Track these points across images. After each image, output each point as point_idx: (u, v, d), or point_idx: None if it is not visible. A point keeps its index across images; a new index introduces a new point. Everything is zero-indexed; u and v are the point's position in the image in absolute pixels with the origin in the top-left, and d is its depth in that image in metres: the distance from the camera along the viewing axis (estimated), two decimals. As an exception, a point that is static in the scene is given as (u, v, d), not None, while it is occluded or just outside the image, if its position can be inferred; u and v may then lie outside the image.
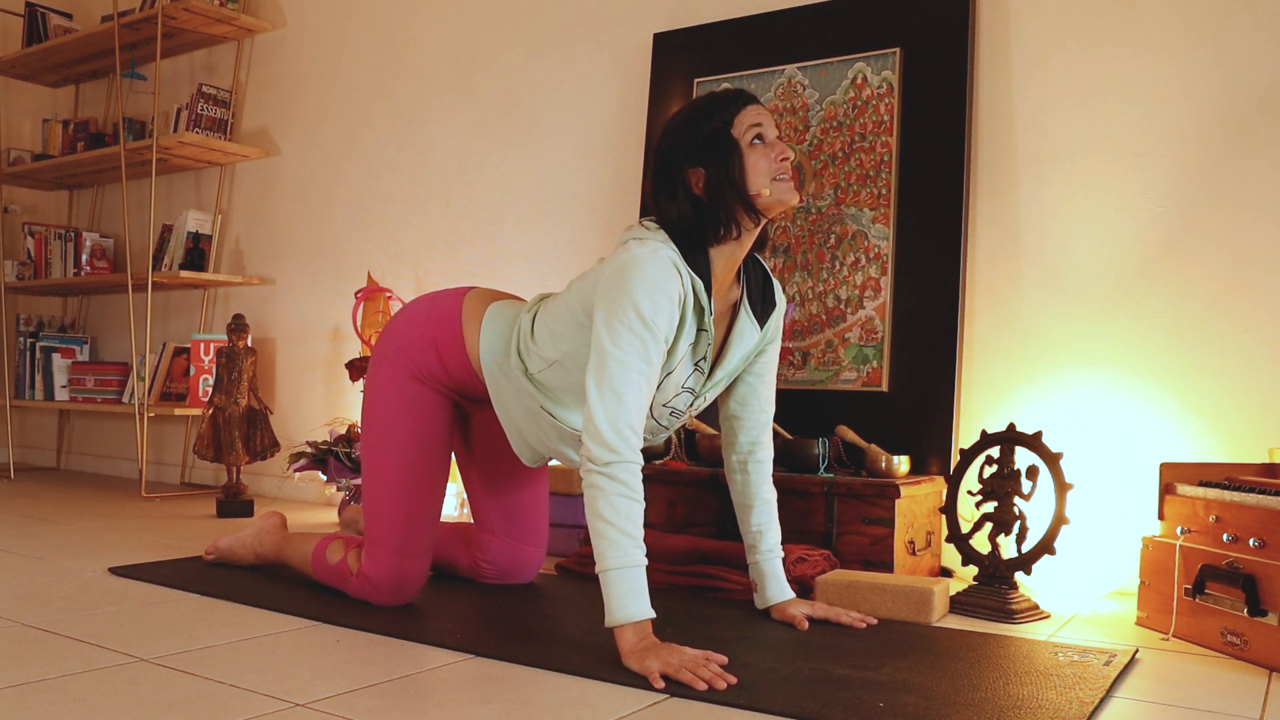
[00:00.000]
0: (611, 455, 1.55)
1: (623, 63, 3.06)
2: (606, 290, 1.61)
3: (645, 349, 1.58)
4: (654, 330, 1.58)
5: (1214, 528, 1.79)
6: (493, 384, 1.87)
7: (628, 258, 1.61)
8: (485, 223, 3.33)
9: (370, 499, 1.92)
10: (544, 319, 1.79)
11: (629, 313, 1.57)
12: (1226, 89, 2.22)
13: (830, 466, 2.37)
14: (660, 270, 1.60)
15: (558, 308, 1.77)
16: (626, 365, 1.57)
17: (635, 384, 1.57)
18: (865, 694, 1.42)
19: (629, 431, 1.56)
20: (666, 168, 1.72)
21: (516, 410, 1.86)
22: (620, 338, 1.57)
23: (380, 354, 1.95)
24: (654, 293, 1.58)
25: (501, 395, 1.87)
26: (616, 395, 1.56)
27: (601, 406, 1.56)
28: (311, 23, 3.85)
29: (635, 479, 1.56)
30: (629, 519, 1.54)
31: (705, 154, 1.69)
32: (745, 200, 1.68)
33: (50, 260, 4.33)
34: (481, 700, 1.38)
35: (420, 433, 1.91)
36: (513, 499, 2.11)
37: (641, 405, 1.58)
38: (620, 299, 1.58)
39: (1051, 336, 2.38)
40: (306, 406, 3.73)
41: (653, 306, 1.58)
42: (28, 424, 4.81)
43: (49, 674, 1.46)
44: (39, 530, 2.79)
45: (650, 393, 1.61)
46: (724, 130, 1.69)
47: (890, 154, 2.54)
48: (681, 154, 1.70)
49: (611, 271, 1.62)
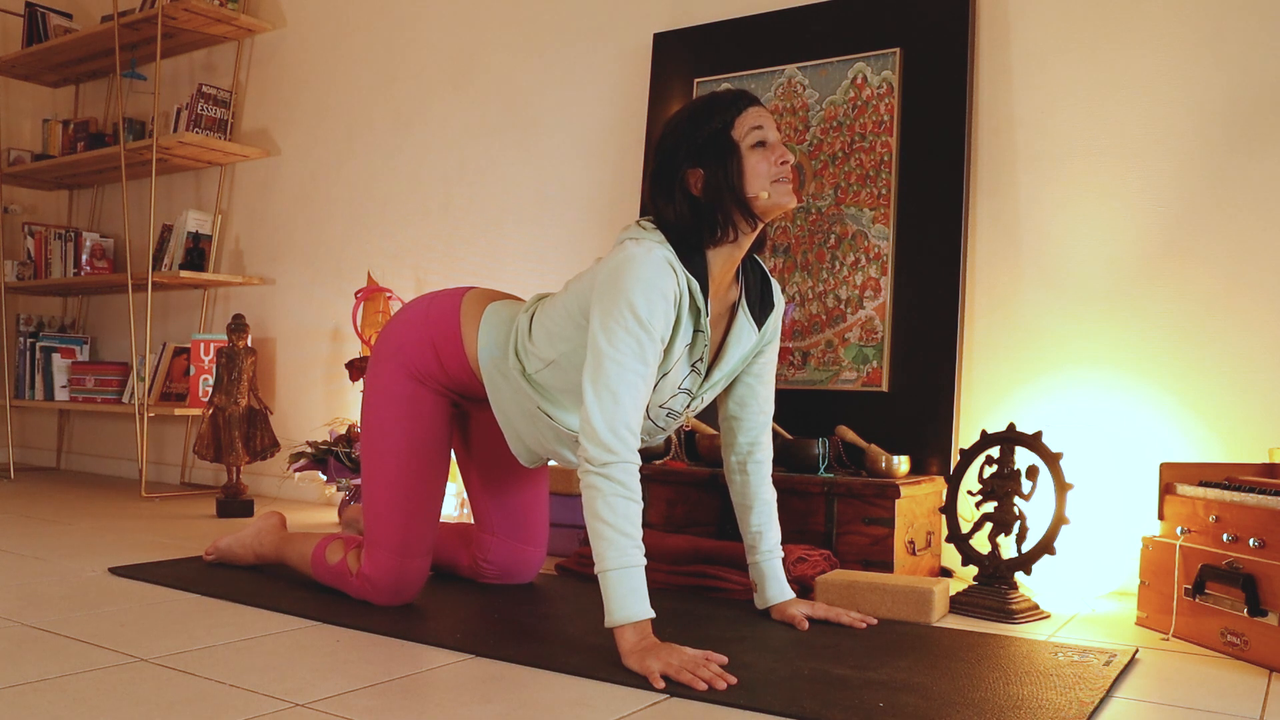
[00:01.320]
0: (608, 456, 1.55)
1: (623, 63, 3.06)
2: (602, 290, 1.61)
3: (641, 349, 1.58)
4: (649, 330, 1.58)
5: (1214, 528, 1.79)
6: (490, 385, 1.87)
7: (623, 257, 1.61)
8: (485, 223, 3.33)
9: (370, 500, 1.92)
10: (541, 319, 1.79)
11: (624, 312, 1.57)
12: (1227, 89, 2.22)
13: (830, 466, 2.37)
14: (655, 269, 1.59)
15: (555, 308, 1.77)
16: (623, 365, 1.56)
17: (631, 384, 1.57)
18: (865, 694, 1.42)
19: (626, 432, 1.56)
20: (665, 168, 1.71)
21: (514, 411, 1.86)
22: (616, 337, 1.57)
23: (379, 354, 1.95)
24: (649, 292, 1.58)
25: (499, 396, 1.87)
26: (613, 395, 1.56)
27: (598, 407, 1.56)
28: (311, 23, 3.85)
29: (632, 479, 1.55)
30: (626, 519, 1.54)
31: (704, 155, 1.68)
32: (743, 203, 1.68)
33: (50, 260, 4.33)
34: (481, 700, 1.38)
35: (419, 434, 1.91)
36: (512, 499, 2.11)
37: (638, 405, 1.58)
38: (615, 298, 1.58)
39: (1051, 336, 2.38)
40: (306, 406, 3.73)
41: (648, 306, 1.58)
42: (28, 424, 4.81)
43: (49, 674, 1.46)
44: (39, 530, 2.79)
45: (647, 393, 1.61)
46: (724, 131, 1.68)
47: (890, 154, 2.54)
48: (680, 154, 1.70)
49: (607, 271, 1.62)
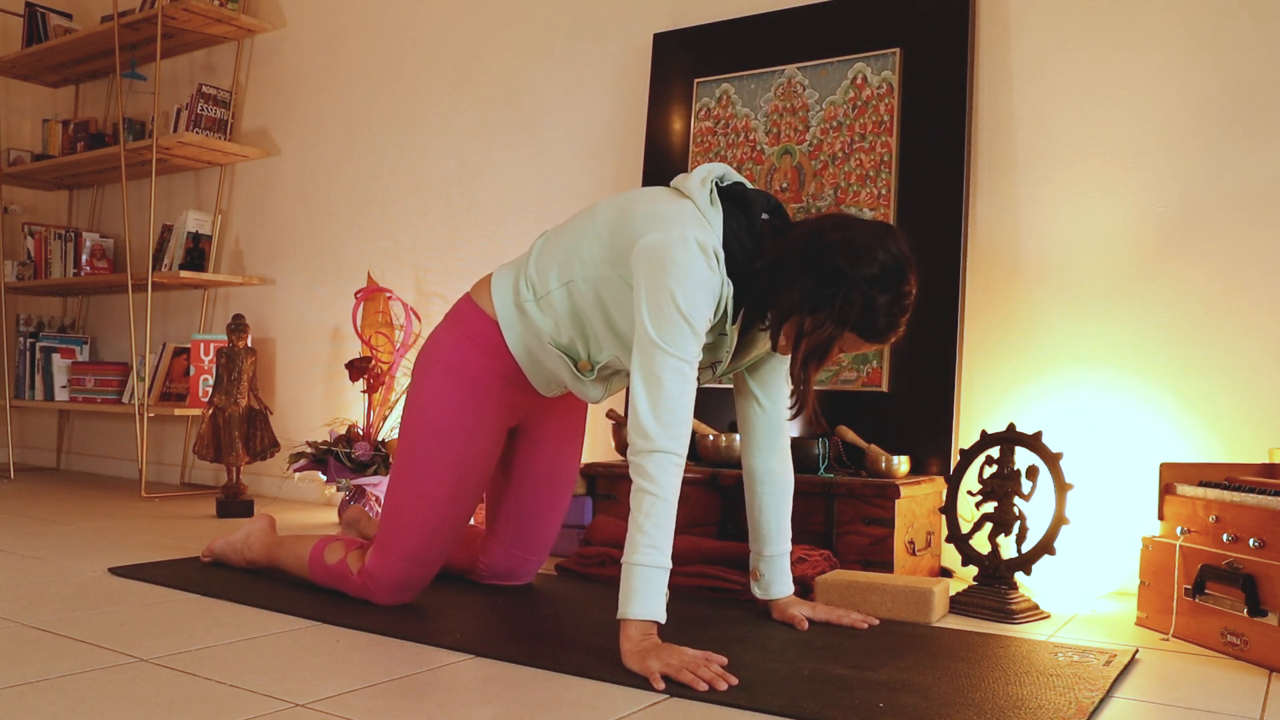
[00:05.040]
0: (645, 443, 1.56)
1: (623, 63, 3.06)
2: (649, 274, 1.60)
3: (687, 339, 1.59)
4: (693, 323, 1.59)
5: (1214, 528, 1.79)
6: (507, 326, 1.86)
7: (675, 239, 1.60)
8: (485, 223, 3.33)
9: (396, 509, 1.90)
10: (551, 249, 1.81)
11: (669, 304, 1.58)
12: (1227, 88, 2.22)
13: (830, 466, 2.37)
14: (702, 265, 1.60)
15: (567, 233, 1.79)
16: (668, 353, 1.58)
17: (677, 369, 1.58)
18: (865, 694, 1.42)
19: (670, 418, 1.57)
20: (818, 268, 1.59)
21: (534, 344, 1.86)
22: (663, 327, 1.58)
23: (420, 368, 1.94)
24: (697, 289, 1.59)
25: (513, 333, 1.86)
26: (658, 381, 1.58)
27: (645, 391, 1.58)
28: (311, 23, 3.85)
29: (665, 473, 1.55)
30: (649, 517, 1.54)
31: (828, 312, 1.59)
32: (802, 356, 1.63)
33: (50, 260, 4.33)
34: (481, 700, 1.38)
35: (473, 466, 1.90)
36: (532, 509, 2.09)
37: (685, 393, 1.59)
38: (660, 290, 1.59)
39: (1051, 336, 2.38)
40: (306, 406, 3.73)
41: (690, 300, 1.58)
42: (28, 424, 4.81)
43: (49, 674, 1.46)
44: (39, 530, 2.79)
45: (693, 381, 1.62)
46: (867, 302, 1.59)
47: (890, 154, 2.54)
48: (827, 287, 1.59)
49: (654, 250, 1.61)
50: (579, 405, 2.11)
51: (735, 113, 2.77)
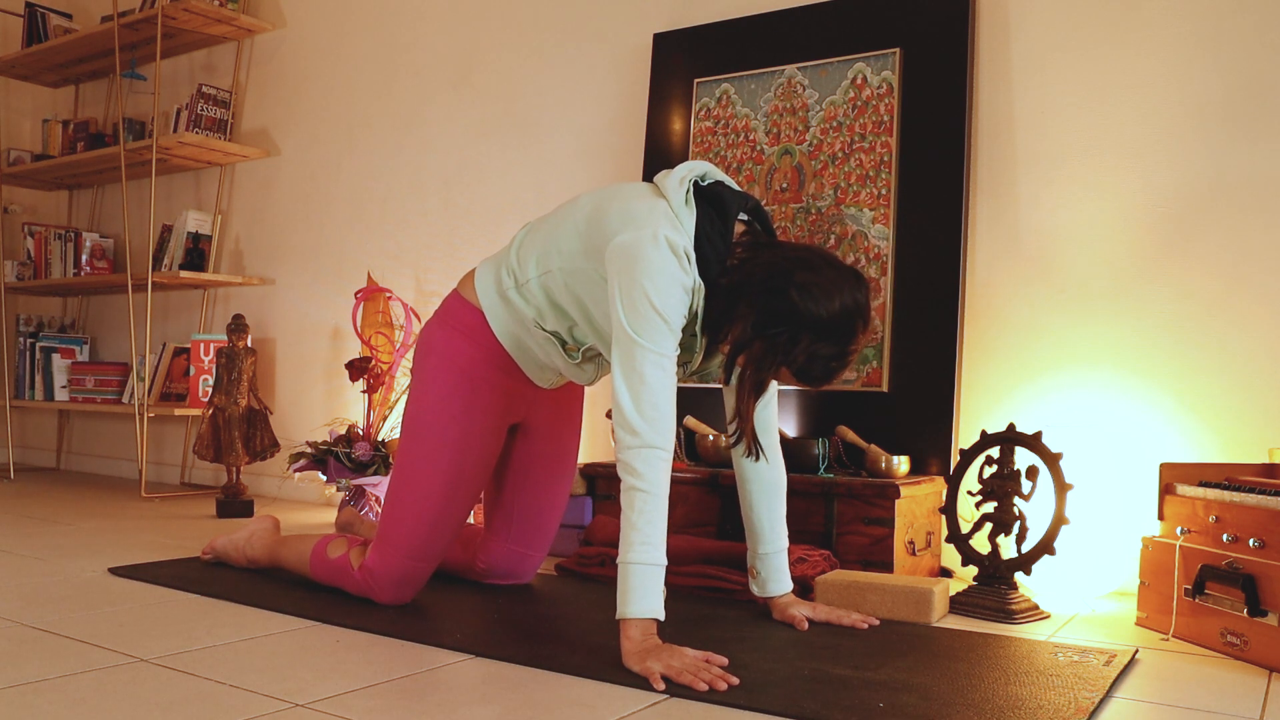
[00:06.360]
0: (633, 439, 1.57)
1: (623, 63, 3.06)
2: (622, 275, 1.62)
3: (663, 335, 1.60)
4: (668, 319, 1.61)
5: (1214, 528, 1.79)
6: (492, 315, 1.88)
7: (645, 239, 1.61)
8: (485, 223, 3.33)
9: (396, 503, 1.91)
10: (533, 239, 1.83)
11: (643, 302, 1.59)
12: (1226, 89, 2.22)
13: (830, 466, 2.37)
14: (674, 264, 1.61)
15: (556, 226, 1.81)
16: (647, 349, 1.59)
17: (657, 364, 1.59)
18: (865, 694, 1.42)
19: (654, 413, 1.58)
20: (773, 303, 1.61)
21: (519, 331, 1.88)
22: (639, 324, 1.60)
23: (417, 359, 1.96)
24: (670, 287, 1.60)
25: (502, 322, 1.88)
26: (640, 377, 1.59)
27: (627, 389, 1.59)
28: (311, 23, 3.85)
29: (652, 468, 1.56)
30: (641, 514, 1.55)
31: (775, 347, 1.61)
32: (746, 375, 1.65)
33: (50, 260, 4.33)
34: (481, 700, 1.38)
35: (470, 456, 1.91)
36: (531, 504, 2.10)
37: (666, 387, 1.60)
38: (633, 290, 1.60)
39: (1051, 336, 2.38)
40: (306, 407, 3.73)
41: (664, 297, 1.60)
42: (28, 424, 4.81)
43: (49, 674, 1.46)
44: (39, 530, 2.79)
45: (673, 375, 1.62)
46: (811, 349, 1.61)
47: (890, 154, 2.54)
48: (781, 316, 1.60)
49: (627, 251, 1.62)
50: (576, 397, 2.12)
51: (735, 113, 2.77)
